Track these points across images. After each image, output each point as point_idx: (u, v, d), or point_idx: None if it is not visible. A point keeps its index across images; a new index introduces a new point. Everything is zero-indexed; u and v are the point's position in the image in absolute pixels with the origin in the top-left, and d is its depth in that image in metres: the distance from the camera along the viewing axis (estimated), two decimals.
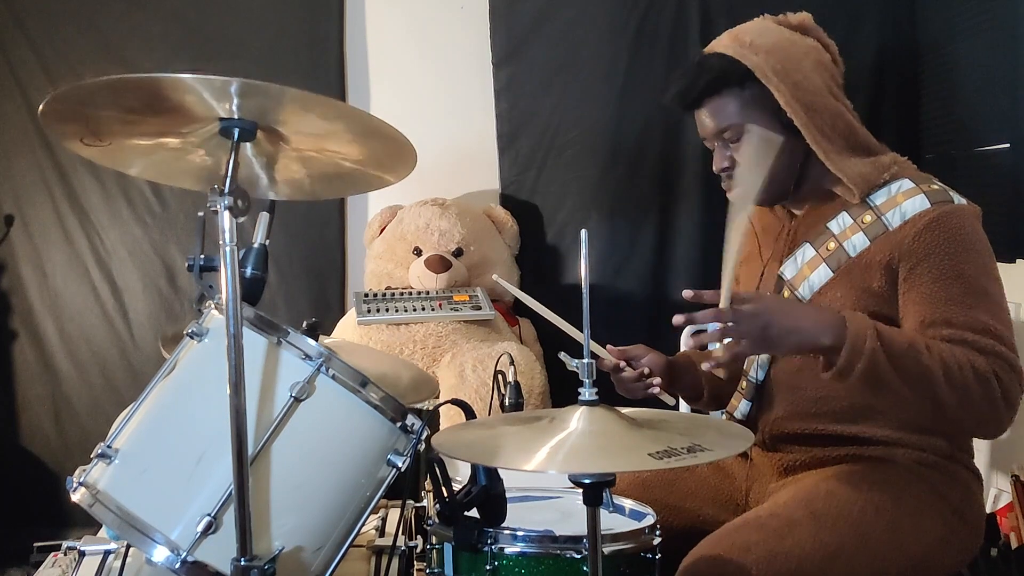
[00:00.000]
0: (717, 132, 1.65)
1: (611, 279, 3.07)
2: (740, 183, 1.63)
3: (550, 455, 1.13)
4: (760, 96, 1.59)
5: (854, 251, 1.58)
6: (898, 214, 1.55)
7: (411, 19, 3.14)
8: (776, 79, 1.57)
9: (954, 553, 1.56)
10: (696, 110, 1.68)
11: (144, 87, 1.22)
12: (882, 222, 1.56)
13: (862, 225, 1.58)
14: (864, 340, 1.39)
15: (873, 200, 1.59)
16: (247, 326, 1.28)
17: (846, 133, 1.62)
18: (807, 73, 1.60)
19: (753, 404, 1.72)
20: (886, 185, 1.59)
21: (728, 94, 1.62)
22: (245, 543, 1.19)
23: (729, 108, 1.62)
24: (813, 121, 1.59)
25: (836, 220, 1.62)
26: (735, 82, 1.61)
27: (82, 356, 3.07)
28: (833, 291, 1.59)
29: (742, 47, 1.60)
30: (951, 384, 1.40)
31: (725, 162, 1.66)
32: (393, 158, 1.41)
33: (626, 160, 3.06)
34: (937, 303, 1.49)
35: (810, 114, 1.58)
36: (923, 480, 1.54)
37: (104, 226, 3.05)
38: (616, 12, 3.03)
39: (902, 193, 1.57)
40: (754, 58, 1.58)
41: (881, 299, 1.55)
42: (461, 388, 2.54)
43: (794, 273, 1.65)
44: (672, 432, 1.21)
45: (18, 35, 2.98)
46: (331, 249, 3.12)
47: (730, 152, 1.65)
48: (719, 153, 1.67)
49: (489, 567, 1.33)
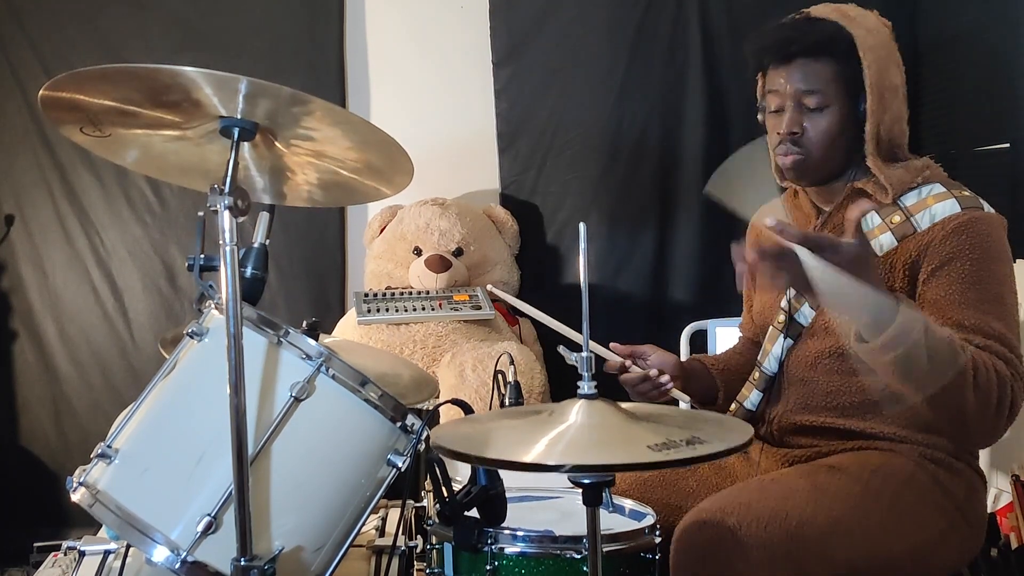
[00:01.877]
0: (799, 92, 1.61)
1: (611, 279, 3.07)
2: (805, 153, 1.62)
3: (549, 447, 1.13)
4: (850, 75, 1.58)
5: (880, 250, 1.57)
6: (927, 216, 1.55)
7: (411, 19, 3.14)
8: (870, 58, 1.56)
9: (954, 550, 1.57)
10: (782, 65, 1.63)
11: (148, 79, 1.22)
12: (911, 223, 1.56)
13: (891, 225, 1.58)
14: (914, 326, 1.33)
15: (903, 202, 1.59)
16: (247, 326, 1.28)
17: (899, 138, 1.63)
18: (893, 66, 1.60)
19: (764, 395, 1.73)
20: (917, 188, 1.59)
21: (826, 60, 1.59)
22: (245, 543, 1.19)
23: (824, 74, 1.59)
24: (879, 115, 1.58)
25: (865, 219, 1.59)
26: (837, 52, 1.58)
27: (82, 356, 3.07)
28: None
29: (846, 19, 1.59)
30: (978, 386, 1.40)
31: (796, 127, 1.61)
32: (392, 168, 1.41)
33: (626, 160, 3.06)
34: (952, 305, 1.49)
35: (880, 106, 1.58)
36: (927, 473, 1.55)
37: (104, 226, 3.06)
38: (616, 12, 3.03)
39: (933, 196, 1.57)
40: (860, 31, 1.57)
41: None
42: (461, 388, 2.54)
43: None
44: (671, 425, 1.20)
45: (19, 35, 2.99)
46: (331, 249, 3.12)
47: (805, 119, 1.62)
48: (792, 116, 1.62)
49: (489, 567, 1.33)
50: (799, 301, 1.68)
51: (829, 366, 1.62)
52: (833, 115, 1.60)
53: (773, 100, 1.65)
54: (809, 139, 1.61)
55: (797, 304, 1.68)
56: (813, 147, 1.61)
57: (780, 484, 1.50)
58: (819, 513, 1.44)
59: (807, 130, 1.61)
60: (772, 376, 1.72)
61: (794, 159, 1.63)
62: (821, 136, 1.61)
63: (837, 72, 1.59)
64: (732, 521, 1.39)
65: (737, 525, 1.39)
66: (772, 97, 1.65)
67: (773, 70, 1.65)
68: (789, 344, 1.69)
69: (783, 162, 1.64)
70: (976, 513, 1.60)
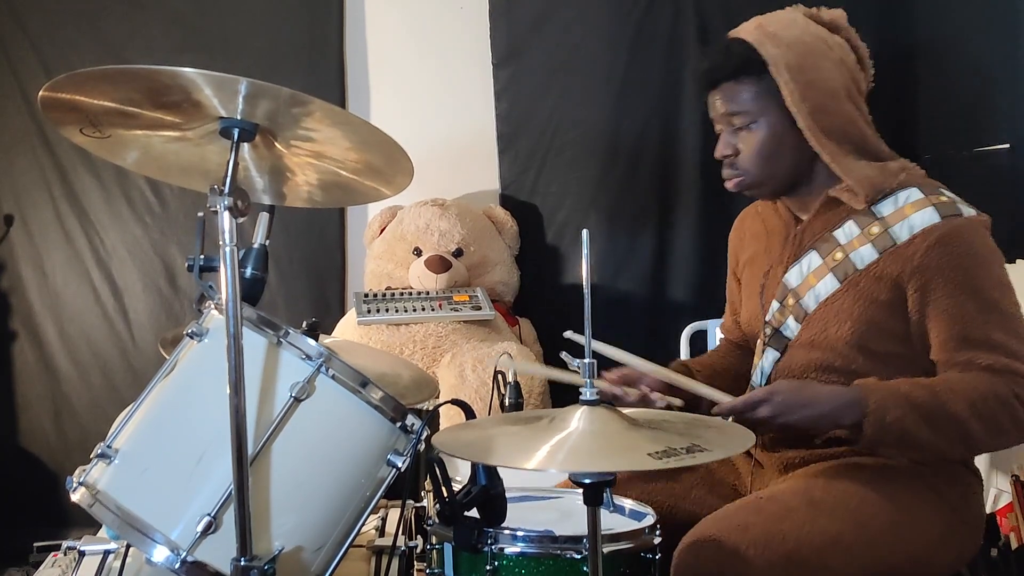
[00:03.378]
0: (726, 115, 1.64)
1: (611, 279, 3.07)
2: (741, 173, 1.64)
3: (550, 454, 1.13)
4: (776, 88, 1.58)
5: (862, 263, 1.57)
6: (906, 227, 1.54)
7: (411, 19, 3.14)
8: (788, 75, 1.56)
9: (953, 552, 1.57)
10: (711, 91, 1.66)
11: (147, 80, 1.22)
12: (889, 235, 1.55)
13: (869, 236, 1.57)
14: (887, 409, 1.43)
15: (880, 210, 1.58)
16: (247, 326, 1.28)
17: (857, 138, 1.62)
18: (825, 72, 1.59)
19: None
20: (893, 194, 1.58)
21: (746, 81, 1.61)
22: (245, 543, 1.19)
23: (743, 95, 1.61)
24: (819, 123, 1.58)
25: (842, 228, 1.61)
26: (753, 70, 1.59)
27: (82, 356, 3.07)
28: (840, 302, 1.58)
29: (764, 36, 1.60)
30: (980, 419, 1.43)
31: (728, 149, 1.65)
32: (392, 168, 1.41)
33: (626, 160, 3.06)
34: (953, 320, 1.50)
35: (817, 115, 1.57)
36: (922, 479, 1.55)
37: (104, 226, 3.06)
38: (616, 12, 3.03)
39: (910, 204, 1.56)
40: (773, 50, 1.57)
41: (888, 311, 1.55)
42: (461, 388, 2.54)
43: (799, 281, 1.64)
44: (672, 432, 1.21)
45: (19, 35, 2.99)
46: (331, 249, 3.12)
47: (736, 140, 1.64)
48: (725, 139, 1.66)
49: (489, 567, 1.33)
50: (783, 314, 1.67)
51: (816, 379, 1.62)
52: (763, 129, 1.61)
53: (715, 125, 1.69)
54: (744, 158, 1.63)
55: (781, 317, 1.67)
56: (749, 165, 1.63)
57: (776, 503, 1.49)
58: (816, 531, 1.44)
59: (740, 150, 1.64)
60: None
61: (735, 181, 1.66)
62: (754, 153, 1.62)
63: (759, 90, 1.60)
64: (730, 544, 1.39)
65: (735, 548, 1.39)
66: (715, 123, 1.69)
67: (708, 96, 1.68)
68: (776, 357, 1.68)
69: (728, 186, 1.67)
70: (973, 513, 1.60)
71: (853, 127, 1.61)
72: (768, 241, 1.77)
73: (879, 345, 1.57)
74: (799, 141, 1.60)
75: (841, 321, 1.58)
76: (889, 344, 1.57)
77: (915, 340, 1.55)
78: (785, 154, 1.62)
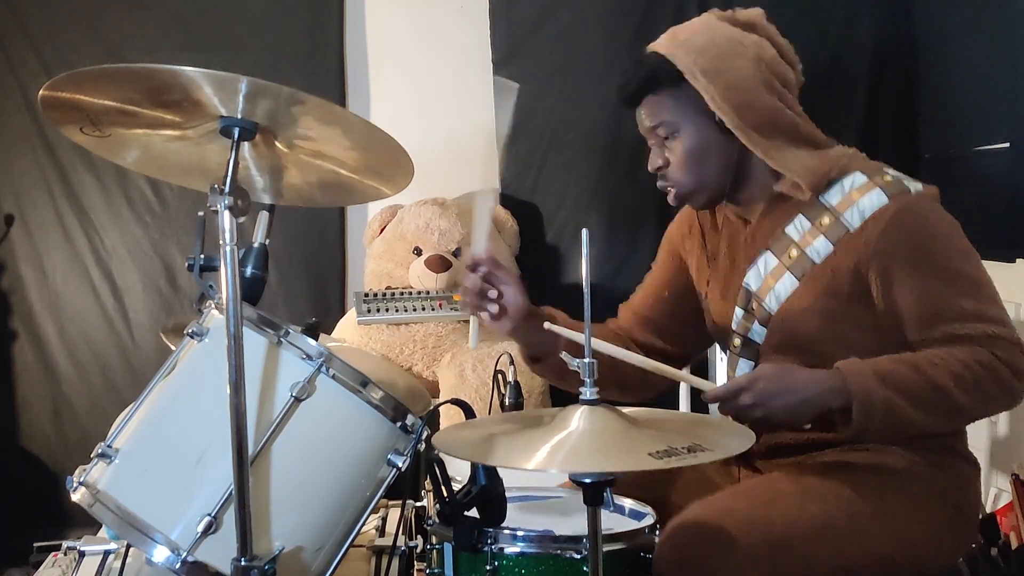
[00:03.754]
0: (651, 129, 1.63)
1: (611, 279, 3.07)
2: (673, 183, 1.63)
3: (550, 455, 1.13)
4: (695, 95, 1.56)
5: (819, 257, 1.55)
6: (856, 213, 1.52)
7: (411, 19, 3.14)
8: (705, 80, 1.54)
9: (949, 544, 1.56)
10: (634, 107, 1.65)
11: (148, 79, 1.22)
12: (841, 223, 1.53)
13: (821, 228, 1.55)
14: (870, 394, 1.40)
15: (828, 200, 1.56)
16: (247, 326, 1.28)
17: (788, 129, 1.59)
18: (742, 71, 1.56)
19: None
20: (838, 181, 1.56)
21: (663, 92, 1.60)
22: (245, 543, 1.19)
23: (664, 106, 1.60)
24: (746, 120, 1.55)
25: (793, 224, 1.59)
26: (668, 81, 1.58)
27: (82, 356, 3.06)
28: (801, 299, 1.56)
29: (674, 45, 1.59)
30: (965, 390, 1.41)
31: (659, 160, 1.63)
32: (392, 168, 1.41)
33: (626, 160, 3.05)
34: (921, 299, 1.48)
35: (742, 113, 1.55)
36: (917, 470, 1.53)
37: (104, 226, 3.05)
38: (616, 12, 3.03)
39: (856, 189, 1.54)
40: (684, 58, 1.56)
41: (851, 302, 1.53)
42: (461, 388, 2.54)
43: (759, 284, 1.62)
44: (672, 432, 1.21)
45: (19, 35, 2.98)
46: (331, 249, 3.12)
47: (665, 151, 1.63)
48: (655, 152, 1.64)
49: (489, 567, 1.33)
50: (749, 319, 1.64)
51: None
52: (687, 137, 1.59)
53: (648, 141, 1.67)
54: (673, 169, 1.62)
55: (748, 323, 1.64)
56: (679, 174, 1.61)
57: (766, 488, 1.49)
58: (805, 516, 1.43)
59: (669, 160, 1.62)
60: None
61: (673, 193, 1.64)
62: (681, 161, 1.60)
63: (679, 99, 1.59)
64: (715, 527, 1.39)
65: (719, 531, 1.38)
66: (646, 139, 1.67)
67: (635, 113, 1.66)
68: (752, 366, 1.64)
69: (669, 199, 1.66)
70: (970, 505, 1.59)
71: (781, 116, 1.58)
72: (721, 245, 1.73)
73: (850, 336, 1.55)
74: (725, 143, 1.58)
75: (807, 319, 1.56)
76: (860, 333, 1.54)
77: (886, 327, 1.53)
78: (713, 158, 1.60)
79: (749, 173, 1.62)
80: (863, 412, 1.41)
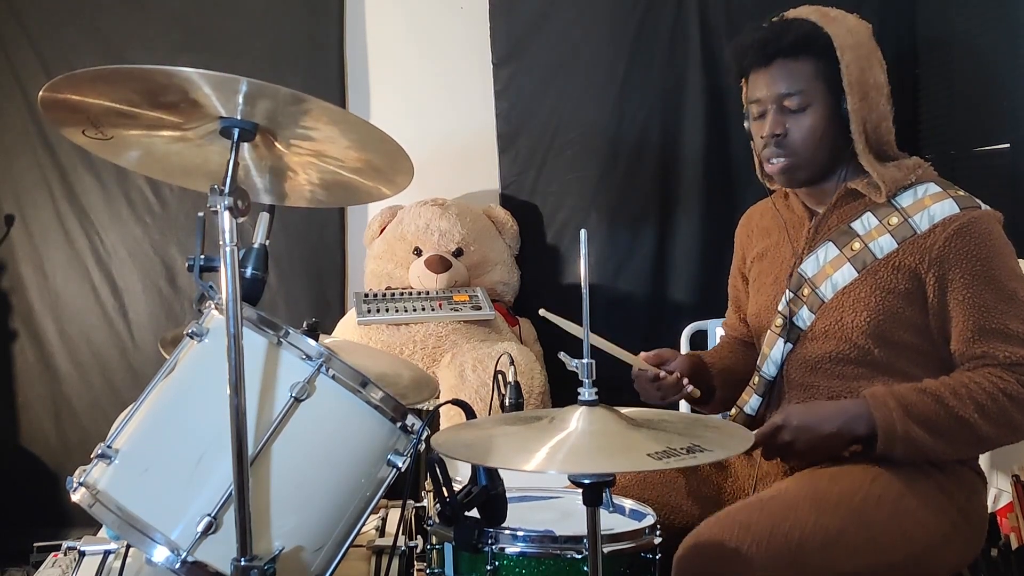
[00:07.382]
0: (782, 96, 1.60)
1: (611, 279, 3.07)
2: (790, 153, 1.62)
3: (550, 455, 1.13)
4: (830, 74, 1.57)
5: (881, 252, 1.58)
6: (926, 217, 1.55)
7: (411, 19, 3.14)
8: (849, 56, 1.56)
9: (956, 552, 1.57)
10: (762, 68, 1.62)
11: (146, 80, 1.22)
12: (909, 224, 1.56)
13: (888, 227, 1.58)
14: (894, 424, 1.47)
15: (899, 202, 1.59)
16: (247, 326, 1.28)
17: (885, 137, 1.63)
18: (875, 67, 1.60)
19: (764, 399, 1.73)
20: (912, 187, 1.60)
21: (805, 60, 1.59)
22: (245, 543, 1.19)
23: (803, 73, 1.59)
24: (864, 112, 1.58)
25: (861, 220, 1.61)
26: (815, 51, 1.58)
27: (82, 356, 3.07)
28: (857, 291, 1.59)
29: (826, 19, 1.59)
30: (989, 419, 1.46)
31: (779, 128, 1.61)
32: (392, 168, 1.41)
33: (626, 160, 3.06)
34: (971, 310, 1.51)
35: (864, 104, 1.58)
36: (929, 478, 1.55)
37: (104, 226, 3.05)
38: (616, 12, 3.03)
39: (930, 196, 1.57)
40: (839, 30, 1.57)
41: (907, 300, 1.56)
42: (461, 388, 2.54)
43: (815, 271, 1.64)
44: (671, 432, 1.21)
45: (19, 35, 2.99)
46: (331, 249, 3.12)
47: (787, 120, 1.61)
48: (774, 118, 1.62)
49: (489, 567, 1.33)
50: (796, 304, 1.67)
51: (830, 370, 1.62)
52: (816, 114, 1.60)
53: (755, 107, 1.65)
54: (793, 140, 1.61)
55: (795, 307, 1.67)
56: (798, 147, 1.61)
57: (779, 500, 1.49)
58: (820, 526, 1.44)
59: (790, 131, 1.61)
60: (771, 380, 1.71)
61: (781, 163, 1.63)
62: (805, 136, 1.60)
63: (816, 70, 1.59)
64: (732, 543, 1.39)
65: (738, 546, 1.39)
66: (754, 104, 1.66)
67: (754, 74, 1.65)
68: (788, 348, 1.68)
69: (770, 168, 1.65)
70: (977, 514, 1.60)
71: (885, 125, 1.62)
72: (779, 235, 1.77)
73: (895, 335, 1.58)
74: (840, 131, 1.60)
75: (858, 310, 1.58)
76: (905, 334, 1.58)
77: (933, 331, 1.57)
78: (828, 143, 1.61)
79: (836, 165, 1.65)
80: (885, 443, 1.48)
